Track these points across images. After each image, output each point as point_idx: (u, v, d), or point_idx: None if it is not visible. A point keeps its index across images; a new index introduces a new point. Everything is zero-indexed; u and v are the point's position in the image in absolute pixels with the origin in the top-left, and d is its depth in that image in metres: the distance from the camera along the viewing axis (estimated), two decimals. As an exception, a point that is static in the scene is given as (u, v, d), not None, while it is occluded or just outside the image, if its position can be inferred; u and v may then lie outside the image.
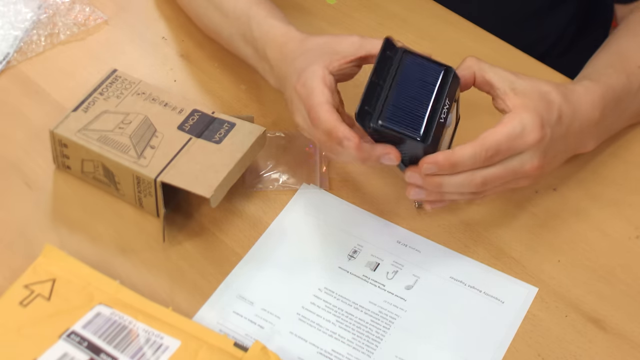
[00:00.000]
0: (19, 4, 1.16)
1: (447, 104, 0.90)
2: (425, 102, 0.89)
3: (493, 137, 0.88)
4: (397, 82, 0.90)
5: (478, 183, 0.89)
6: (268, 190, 1.01)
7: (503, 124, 0.89)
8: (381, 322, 0.90)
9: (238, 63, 1.14)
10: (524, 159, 0.90)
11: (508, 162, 0.90)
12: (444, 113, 0.89)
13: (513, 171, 0.90)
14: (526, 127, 0.89)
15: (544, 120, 0.90)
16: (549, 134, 0.90)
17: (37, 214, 0.98)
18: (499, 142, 0.88)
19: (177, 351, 0.84)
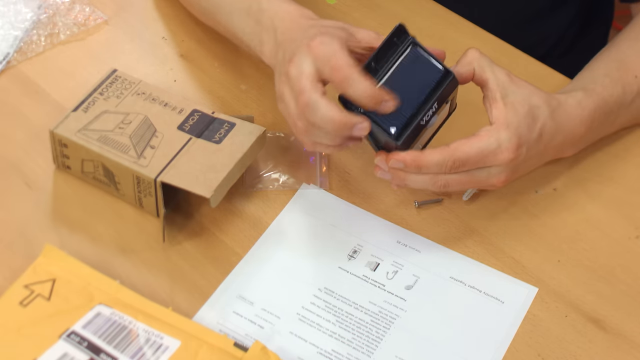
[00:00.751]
0: (19, 4, 1.16)
1: (435, 107, 0.90)
2: (414, 101, 0.90)
3: (464, 149, 0.89)
4: (394, 70, 0.90)
5: (440, 185, 0.91)
6: (268, 190, 1.01)
7: (479, 138, 0.90)
8: (381, 322, 0.90)
9: (238, 63, 1.14)
10: (491, 172, 0.91)
11: (474, 172, 0.91)
12: (427, 116, 0.90)
13: (477, 181, 0.92)
14: (501, 146, 0.90)
15: (522, 141, 0.91)
16: (523, 153, 0.91)
17: (37, 214, 0.98)
18: (468, 155, 0.89)
19: (177, 351, 0.84)
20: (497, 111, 0.91)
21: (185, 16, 1.19)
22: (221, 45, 1.16)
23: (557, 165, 1.04)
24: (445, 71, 0.91)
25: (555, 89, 1.12)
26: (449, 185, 0.91)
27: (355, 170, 1.03)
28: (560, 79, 1.13)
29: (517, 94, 0.93)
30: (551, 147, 0.96)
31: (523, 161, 0.93)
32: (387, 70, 0.90)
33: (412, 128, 0.89)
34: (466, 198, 1.00)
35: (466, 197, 1.00)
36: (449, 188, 0.92)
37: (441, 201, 1.00)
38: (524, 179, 1.02)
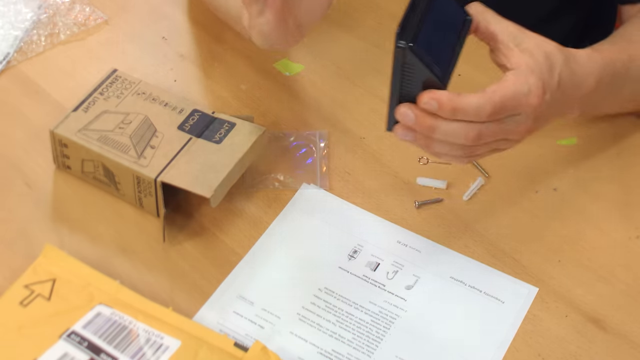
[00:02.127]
0: (19, 4, 1.16)
1: (459, 49, 0.88)
2: (450, 45, 0.88)
3: (501, 93, 0.86)
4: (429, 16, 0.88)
5: (472, 136, 0.86)
6: (268, 190, 1.01)
7: (511, 82, 0.87)
8: (381, 322, 0.90)
9: (238, 63, 1.14)
10: (519, 120, 0.88)
11: (505, 121, 0.87)
12: (458, 48, 0.88)
13: (507, 131, 0.88)
14: (531, 89, 0.87)
15: (546, 85, 0.88)
16: (548, 99, 0.89)
17: (37, 214, 0.98)
18: (505, 99, 0.86)
19: (177, 351, 0.84)
20: (517, 58, 0.89)
21: (185, 16, 1.20)
22: (221, 45, 1.16)
23: (557, 165, 1.04)
24: (467, 16, 0.90)
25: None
26: (481, 137, 0.86)
27: (355, 170, 1.03)
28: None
29: (530, 41, 0.90)
30: (567, 98, 0.93)
31: (546, 109, 0.89)
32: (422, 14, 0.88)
33: (452, 70, 0.87)
34: (466, 198, 1.00)
35: (466, 197, 1.00)
36: (479, 141, 0.87)
37: (441, 201, 1.00)
38: (524, 179, 1.02)
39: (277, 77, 1.12)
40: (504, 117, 0.87)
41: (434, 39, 0.87)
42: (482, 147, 0.89)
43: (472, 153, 0.89)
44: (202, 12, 1.20)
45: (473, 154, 0.89)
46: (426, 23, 0.88)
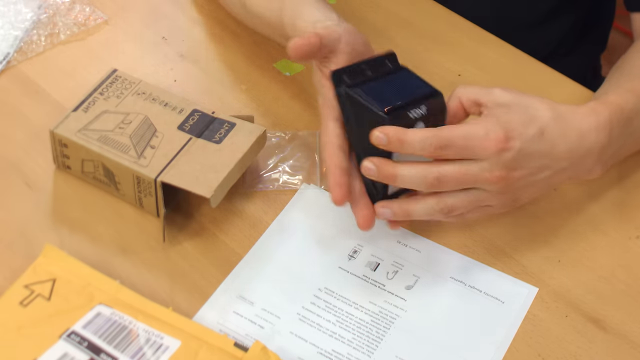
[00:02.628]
0: (19, 4, 1.16)
1: (423, 112, 0.88)
2: (401, 97, 0.88)
3: (449, 130, 0.86)
4: (383, 76, 0.91)
5: (433, 178, 0.86)
6: (268, 190, 1.01)
7: (466, 123, 0.87)
8: (381, 322, 0.90)
9: (238, 63, 1.14)
10: (483, 165, 0.86)
11: (466, 163, 0.86)
12: (416, 113, 0.88)
13: (472, 175, 0.86)
14: (489, 133, 0.85)
15: (514, 133, 0.86)
16: (517, 147, 0.86)
17: (37, 214, 0.98)
18: (453, 136, 0.85)
19: (177, 351, 0.84)
20: (490, 111, 0.88)
21: (185, 16, 1.20)
22: (221, 45, 1.16)
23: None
24: (434, 89, 0.90)
25: (557, 89, 1.12)
26: (443, 178, 0.86)
27: (355, 170, 1.03)
28: (563, 80, 1.13)
29: (513, 99, 0.89)
30: (565, 155, 0.90)
31: (521, 160, 0.87)
32: (376, 75, 0.91)
33: (401, 113, 0.87)
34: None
35: None
36: (443, 184, 0.86)
37: (441, 201, 1.00)
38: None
39: (277, 77, 1.12)
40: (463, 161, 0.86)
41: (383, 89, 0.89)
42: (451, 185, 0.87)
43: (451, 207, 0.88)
44: (202, 12, 1.21)
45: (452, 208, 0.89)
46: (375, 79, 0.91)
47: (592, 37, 1.34)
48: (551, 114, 0.89)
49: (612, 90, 0.97)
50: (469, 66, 1.14)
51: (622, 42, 1.87)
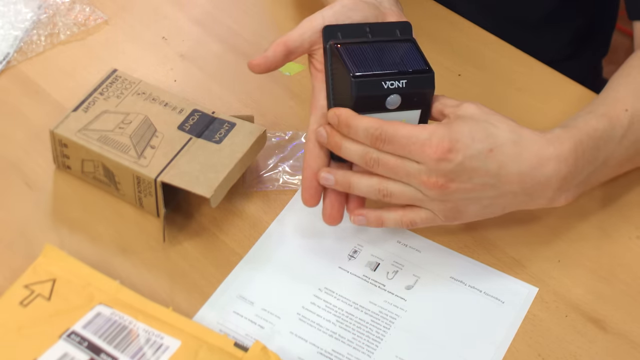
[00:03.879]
0: (19, 4, 1.16)
1: (401, 85, 0.86)
2: (385, 66, 0.87)
3: (395, 126, 0.85)
4: (381, 42, 0.90)
5: (371, 158, 0.87)
6: (268, 190, 1.01)
7: (415, 125, 0.86)
8: (381, 322, 0.90)
9: (238, 63, 1.14)
10: (421, 168, 0.85)
11: (405, 161, 0.86)
12: (392, 85, 0.86)
13: (407, 172, 0.86)
14: (432, 140, 0.84)
15: (460, 145, 0.85)
16: (457, 159, 0.84)
17: (37, 214, 0.98)
18: (396, 133, 0.85)
19: (177, 351, 0.84)
20: (447, 120, 0.88)
21: (185, 16, 1.20)
22: (221, 45, 1.16)
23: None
24: (424, 67, 0.89)
25: (558, 91, 1.12)
26: (380, 163, 0.86)
27: (355, 170, 1.03)
28: (564, 81, 1.13)
29: (476, 114, 0.88)
30: (514, 179, 0.87)
31: (462, 174, 0.85)
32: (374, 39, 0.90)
33: (374, 82, 0.86)
34: None
35: None
36: (379, 168, 0.87)
37: (441, 201, 1.00)
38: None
39: (277, 77, 1.12)
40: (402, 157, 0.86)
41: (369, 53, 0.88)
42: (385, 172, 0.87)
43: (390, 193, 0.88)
44: (202, 12, 1.21)
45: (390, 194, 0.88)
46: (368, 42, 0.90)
47: (594, 41, 1.34)
48: (510, 136, 0.87)
49: (582, 117, 0.93)
50: (469, 66, 1.14)
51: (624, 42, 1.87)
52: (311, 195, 0.91)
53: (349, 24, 0.91)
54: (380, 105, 0.87)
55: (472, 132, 0.86)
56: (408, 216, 0.90)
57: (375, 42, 0.90)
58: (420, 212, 0.90)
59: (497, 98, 1.11)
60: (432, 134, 0.85)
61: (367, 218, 0.91)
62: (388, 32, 0.92)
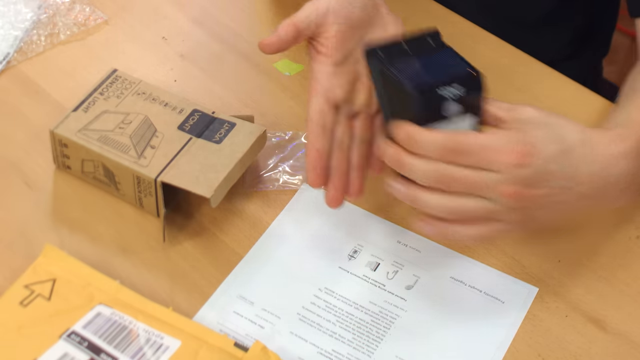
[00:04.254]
0: (19, 4, 1.16)
1: (459, 92, 0.83)
2: (436, 76, 0.84)
3: (468, 137, 0.81)
4: (422, 54, 0.87)
5: (444, 175, 0.81)
6: (268, 190, 1.01)
7: (486, 132, 0.83)
8: (381, 322, 0.90)
9: (238, 63, 1.14)
10: (499, 177, 0.81)
11: (482, 172, 0.81)
12: (450, 93, 0.83)
13: (485, 183, 0.81)
14: (509, 145, 0.81)
15: (536, 149, 0.81)
16: (536, 164, 0.81)
17: (37, 214, 0.98)
18: (471, 144, 0.81)
19: (178, 351, 0.84)
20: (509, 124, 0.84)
21: (185, 16, 1.20)
22: (221, 45, 1.16)
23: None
24: (473, 69, 0.86)
25: (558, 91, 1.12)
26: (456, 179, 0.81)
27: (355, 170, 1.03)
28: (565, 81, 1.13)
29: (539, 116, 0.84)
30: (586, 179, 0.85)
31: (540, 178, 0.82)
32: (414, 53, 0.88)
33: (433, 93, 0.83)
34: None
35: None
36: (451, 184, 0.81)
37: (441, 201, 1.00)
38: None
39: (277, 77, 1.12)
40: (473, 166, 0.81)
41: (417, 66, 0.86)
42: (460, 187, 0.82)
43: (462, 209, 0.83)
44: (202, 12, 1.21)
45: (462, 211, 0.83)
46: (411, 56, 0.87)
47: (594, 41, 1.34)
48: (578, 136, 0.85)
49: (635, 114, 0.91)
50: (469, 66, 1.14)
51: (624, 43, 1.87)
52: (318, 176, 0.89)
53: (385, 42, 0.89)
54: (439, 116, 0.84)
55: (546, 135, 0.83)
56: (482, 231, 0.84)
57: (415, 54, 0.88)
58: (496, 224, 0.84)
59: (497, 98, 1.11)
60: (507, 140, 0.81)
61: (434, 229, 0.85)
62: (423, 43, 0.89)
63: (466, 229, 0.84)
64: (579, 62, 1.32)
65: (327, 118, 0.90)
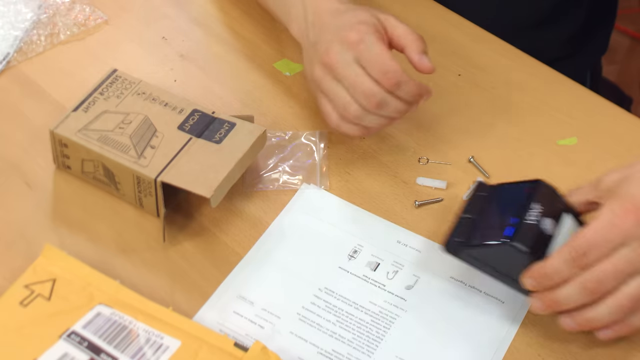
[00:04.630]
0: (19, 4, 1.16)
1: (538, 209, 0.87)
2: (510, 213, 0.87)
3: (581, 235, 0.82)
4: (483, 209, 0.91)
5: (593, 287, 0.82)
6: (268, 190, 1.01)
7: (593, 219, 0.83)
8: (381, 322, 0.90)
9: (238, 63, 1.14)
10: (633, 246, 0.81)
11: (615, 255, 0.82)
12: (533, 216, 0.86)
13: (626, 260, 0.81)
14: (615, 213, 0.82)
15: (637, 199, 0.82)
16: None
17: (37, 214, 0.98)
18: (587, 239, 0.82)
19: (178, 351, 0.84)
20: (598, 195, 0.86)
21: (185, 16, 1.20)
22: (221, 45, 1.16)
23: (557, 165, 1.04)
24: (530, 183, 0.89)
25: (558, 90, 1.12)
26: (601, 280, 0.82)
27: (355, 170, 1.03)
28: (564, 81, 1.13)
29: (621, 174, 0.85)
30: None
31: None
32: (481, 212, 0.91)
33: (522, 228, 0.85)
34: (466, 198, 1.00)
35: (466, 197, 1.00)
36: (604, 285, 0.82)
37: (441, 201, 1.00)
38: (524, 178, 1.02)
39: (277, 77, 1.12)
40: (610, 253, 0.82)
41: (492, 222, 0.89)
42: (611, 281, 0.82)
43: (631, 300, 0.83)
44: (202, 12, 1.21)
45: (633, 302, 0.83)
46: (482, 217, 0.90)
47: (593, 41, 1.34)
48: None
49: None
50: (469, 66, 1.14)
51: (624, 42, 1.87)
52: None
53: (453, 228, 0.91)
54: (546, 239, 0.86)
55: (637, 185, 0.83)
56: (622, 297, 0.83)
57: (480, 213, 0.91)
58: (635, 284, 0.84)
59: (497, 98, 1.11)
60: (612, 212, 0.82)
61: (574, 320, 0.86)
62: (477, 200, 0.92)
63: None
64: (578, 62, 1.32)
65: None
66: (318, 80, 0.98)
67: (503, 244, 0.86)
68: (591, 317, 0.85)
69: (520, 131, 1.07)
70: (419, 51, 0.97)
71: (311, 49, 1.00)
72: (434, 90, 1.00)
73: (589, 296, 0.83)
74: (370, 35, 0.95)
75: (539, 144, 1.06)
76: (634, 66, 1.81)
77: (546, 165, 1.04)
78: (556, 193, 0.89)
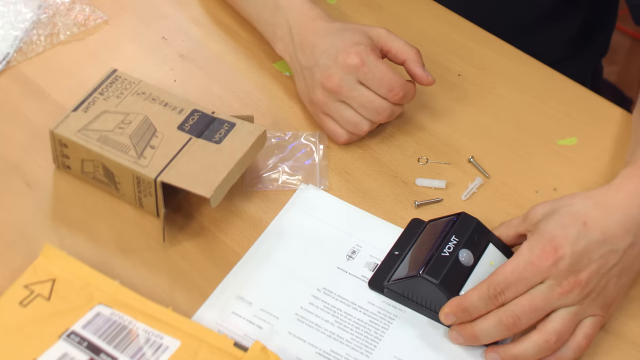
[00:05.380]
0: (19, 4, 1.16)
1: (454, 240, 0.89)
2: (429, 247, 0.90)
3: (499, 272, 0.85)
4: (407, 245, 0.93)
5: (510, 323, 0.84)
6: (268, 190, 1.01)
7: (512, 257, 0.86)
8: (380, 322, 0.90)
9: (238, 63, 1.14)
10: (550, 284, 0.84)
11: (532, 292, 0.84)
12: (449, 248, 0.88)
13: (542, 298, 0.84)
14: (533, 253, 0.84)
15: (559, 239, 0.84)
16: (568, 251, 0.84)
17: (37, 214, 0.98)
18: (505, 276, 0.84)
19: (177, 351, 0.84)
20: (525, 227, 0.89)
21: (185, 16, 1.20)
22: (221, 45, 1.16)
23: (557, 165, 1.04)
24: (455, 215, 0.91)
25: (558, 91, 1.12)
26: (518, 316, 0.84)
27: (355, 170, 1.03)
28: (564, 81, 1.13)
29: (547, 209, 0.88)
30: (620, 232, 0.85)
31: (578, 259, 0.84)
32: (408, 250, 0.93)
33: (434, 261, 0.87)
34: (465, 198, 1.00)
35: (465, 197, 1.00)
36: (522, 321, 0.84)
37: (441, 201, 1.00)
38: (524, 179, 1.02)
39: (277, 77, 1.12)
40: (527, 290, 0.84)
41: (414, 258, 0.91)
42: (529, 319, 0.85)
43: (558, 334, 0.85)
44: (202, 12, 1.21)
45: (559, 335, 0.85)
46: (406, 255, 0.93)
47: (594, 41, 1.34)
48: (586, 203, 0.87)
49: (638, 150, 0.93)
50: (469, 66, 1.14)
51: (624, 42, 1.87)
52: None
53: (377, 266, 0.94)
54: (463, 271, 0.88)
55: (559, 222, 0.85)
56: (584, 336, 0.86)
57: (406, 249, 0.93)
58: (585, 322, 0.86)
59: (497, 98, 1.11)
60: (530, 250, 0.84)
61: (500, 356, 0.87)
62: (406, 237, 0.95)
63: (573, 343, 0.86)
64: (578, 62, 1.32)
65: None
66: (321, 104, 1.02)
67: (414, 277, 0.88)
68: (517, 353, 0.85)
69: (520, 131, 1.07)
70: (420, 65, 1.02)
71: (306, 72, 1.03)
72: (434, 90, 1.00)
73: (506, 331, 0.85)
74: (369, 56, 0.99)
75: (539, 144, 1.06)
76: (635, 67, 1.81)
77: (546, 165, 1.04)
78: (480, 224, 0.91)
